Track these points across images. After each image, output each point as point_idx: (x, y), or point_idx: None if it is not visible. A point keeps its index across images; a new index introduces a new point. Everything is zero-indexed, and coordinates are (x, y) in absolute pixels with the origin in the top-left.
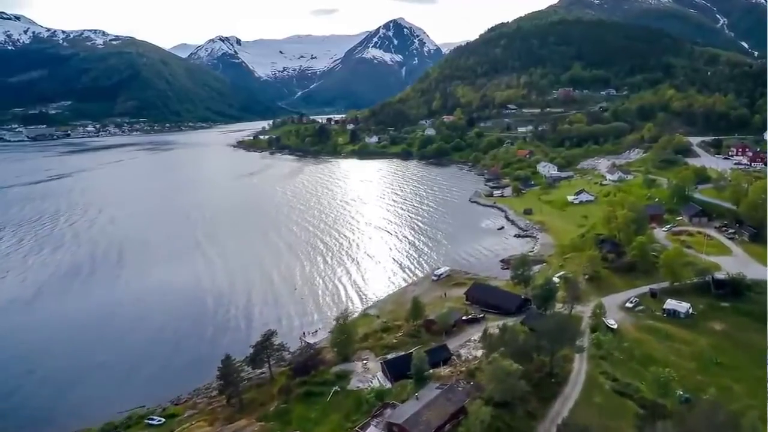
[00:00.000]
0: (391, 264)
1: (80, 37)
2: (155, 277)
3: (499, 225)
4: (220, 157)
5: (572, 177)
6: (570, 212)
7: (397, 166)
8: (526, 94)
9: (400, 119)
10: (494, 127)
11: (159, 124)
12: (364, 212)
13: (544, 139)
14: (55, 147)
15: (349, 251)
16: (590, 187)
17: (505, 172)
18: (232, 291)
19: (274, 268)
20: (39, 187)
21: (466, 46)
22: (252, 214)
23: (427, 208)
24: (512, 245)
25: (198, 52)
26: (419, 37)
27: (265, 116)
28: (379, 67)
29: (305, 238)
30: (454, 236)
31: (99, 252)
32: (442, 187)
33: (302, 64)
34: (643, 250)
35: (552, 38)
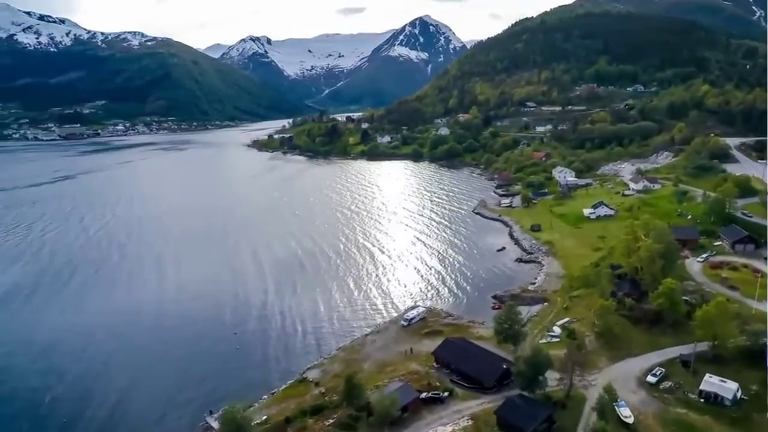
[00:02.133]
0: (359, 298)
1: (117, 38)
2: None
3: (500, 245)
4: (228, 158)
5: (591, 185)
6: (585, 230)
7: (405, 168)
8: (547, 91)
9: (415, 118)
10: (511, 126)
11: (186, 123)
12: (350, 227)
13: (562, 140)
14: (81, 146)
15: (314, 279)
16: (610, 198)
17: (517, 177)
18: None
19: (218, 299)
20: (31, 191)
21: (487, 41)
22: (224, 228)
23: (423, 222)
24: (511, 273)
25: (230, 52)
26: (445, 34)
27: (292, 115)
28: (405, 65)
29: (271, 259)
30: (444, 259)
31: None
32: (447, 193)
33: (330, 63)
34: (671, 298)
35: (577, 32)
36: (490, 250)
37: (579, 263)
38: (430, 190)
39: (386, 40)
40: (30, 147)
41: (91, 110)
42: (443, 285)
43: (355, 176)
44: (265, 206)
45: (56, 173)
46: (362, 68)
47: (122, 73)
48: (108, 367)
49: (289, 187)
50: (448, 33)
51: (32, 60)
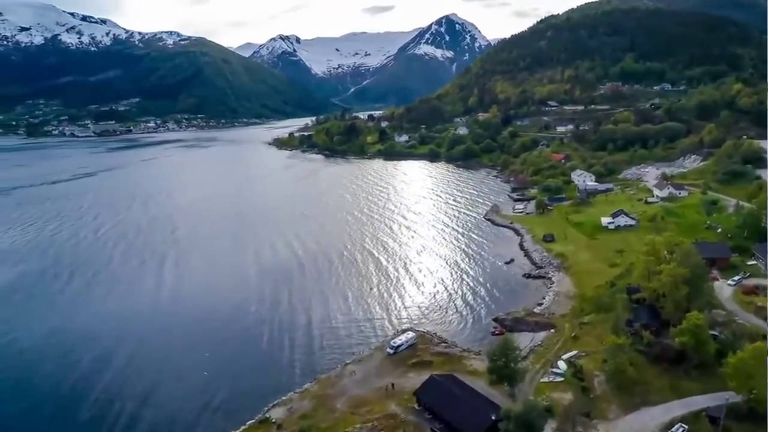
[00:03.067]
0: (349, 316)
1: (154, 38)
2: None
3: (509, 257)
4: (245, 157)
5: (611, 190)
6: (602, 242)
7: (420, 169)
8: (569, 90)
9: (434, 117)
10: (531, 126)
11: (214, 120)
12: (357, 231)
13: (583, 141)
14: (111, 143)
15: (305, 291)
16: (632, 205)
17: (534, 180)
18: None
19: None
20: (51, 188)
21: (510, 39)
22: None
23: (432, 227)
24: (517, 291)
25: (260, 51)
26: (471, 32)
27: (318, 112)
28: (431, 63)
29: (267, 266)
30: (447, 272)
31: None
32: (460, 196)
33: (356, 61)
34: (697, 335)
35: (603, 28)
36: (498, 262)
37: (593, 281)
38: (443, 193)
39: (412, 39)
40: (65, 143)
41: (126, 107)
42: (441, 303)
43: (369, 176)
44: (274, 207)
45: (80, 170)
46: (388, 67)
47: (156, 72)
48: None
49: (300, 188)
50: (474, 31)
51: (74, 59)
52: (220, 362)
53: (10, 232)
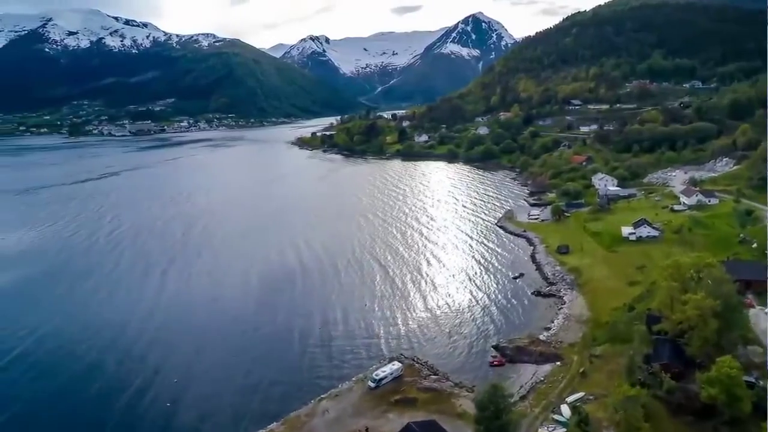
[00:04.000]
0: (334, 338)
1: (190, 40)
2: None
3: (519, 270)
4: (266, 156)
5: (634, 196)
6: (621, 255)
7: (438, 170)
8: (594, 88)
9: (456, 116)
10: (553, 126)
11: (244, 120)
12: (362, 237)
13: (607, 142)
14: (144, 142)
15: (295, 305)
16: (656, 213)
17: (552, 183)
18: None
19: None
20: (75, 187)
21: (535, 36)
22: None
23: (441, 235)
24: (523, 312)
25: (291, 51)
26: (497, 31)
27: (345, 112)
28: (457, 62)
29: (261, 275)
30: (449, 287)
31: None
32: (474, 200)
33: (384, 61)
34: (730, 388)
35: (630, 24)
36: (506, 276)
37: (608, 302)
38: (458, 196)
39: (439, 38)
40: (101, 142)
41: (161, 107)
42: (439, 324)
43: (385, 177)
44: (284, 209)
45: (107, 169)
46: (415, 66)
47: (191, 73)
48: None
49: (314, 189)
50: (500, 30)
51: (116, 61)
52: (183, 393)
53: (34, 231)
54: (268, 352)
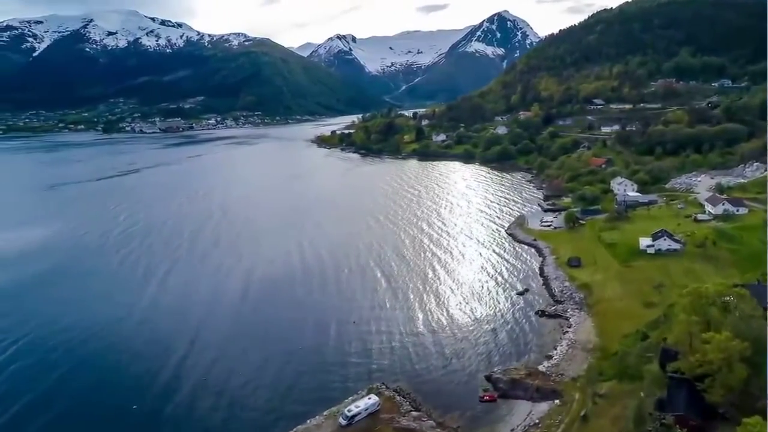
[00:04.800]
0: (311, 364)
1: (221, 39)
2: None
3: (524, 285)
4: (284, 154)
5: (655, 203)
6: (637, 271)
7: (453, 171)
8: (617, 87)
9: (475, 115)
10: (574, 126)
11: (269, 118)
12: (367, 242)
13: (629, 144)
14: (171, 139)
15: (279, 323)
16: (678, 223)
17: (569, 186)
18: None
19: None
20: (96, 184)
21: (558, 34)
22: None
23: (447, 242)
24: (524, 336)
25: (318, 50)
26: (522, 29)
27: (368, 109)
28: (481, 61)
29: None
30: (447, 303)
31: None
32: (487, 204)
33: (409, 59)
34: None
35: (658, 20)
36: (510, 291)
37: (620, 328)
38: (470, 199)
39: (464, 37)
40: (131, 139)
41: (191, 105)
42: (430, 347)
43: (398, 178)
44: (291, 208)
45: (129, 166)
46: (439, 64)
47: (221, 71)
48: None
49: (324, 189)
50: (525, 28)
51: (151, 60)
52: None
53: (50, 227)
54: (234, 380)
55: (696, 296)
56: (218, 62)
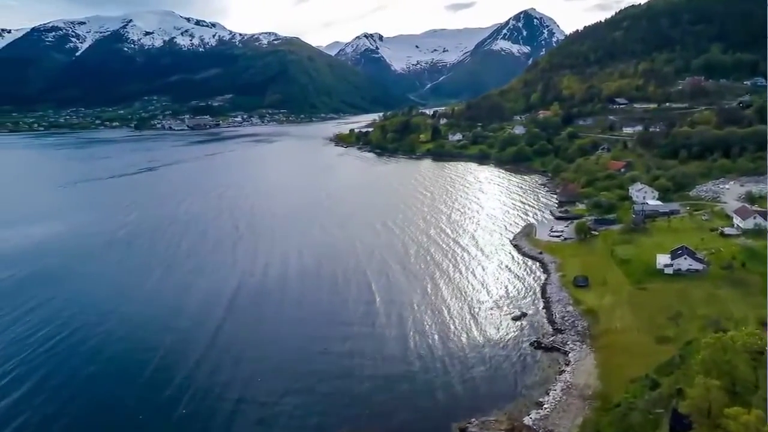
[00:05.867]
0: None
1: (251, 38)
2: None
3: (522, 307)
4: (299, 153)
5: (677, 213)
6: (652, 295)
7: (466, 173)
8: (642, 85)
9: (493, 114)
10: (594, 127)
11: (294, 115)
12: (365, 251)
13: (650, 146)
14: (196, 136)
15: (216, 359)
16: (701, 239)
17: (584, 192)
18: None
19: None
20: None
21: (583, 30)
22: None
23: (448, 253)
24: (513, 374)
25: (345, 49)
26: (549, 27)
27: (392, 108)
28: (506, 59)
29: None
30: (432, 328)
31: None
32: (497, 209)
33: (434, 58)
34: None
35: (688, 16)
36: (505, 315)
37: (626, 368)
38: (479, 204)
39: (489, 35)
40: (159, 136)
41: (220, 103)
42: (398, 386)
43: (409, 180)
44: (291, 212)
45: (148, 163)
46: (464, 63)
47: (250, 70)
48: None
49: (328, 191)
50: (552, 26)
51: (184, 59)
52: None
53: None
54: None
55: (719, 349)
56: (247, 61)
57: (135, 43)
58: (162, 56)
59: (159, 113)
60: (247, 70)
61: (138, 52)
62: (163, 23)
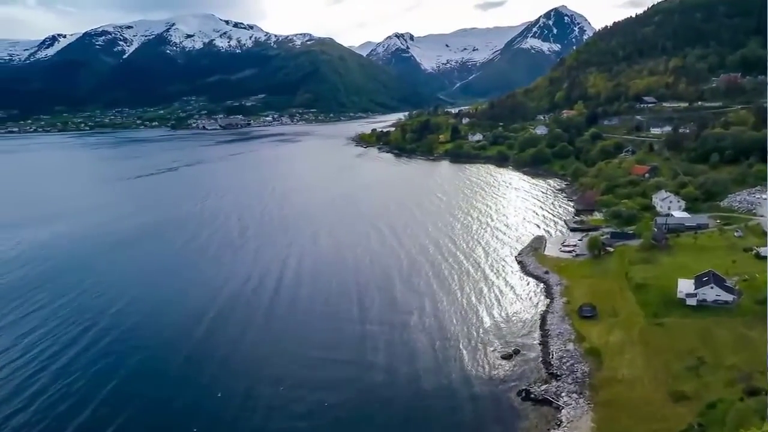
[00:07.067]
0: None
1: (286, 39)
2: None
3: (517, 341)
4: (318, 154)
5: (705, 227)
6: (671, 333)
7: (482, 175)
8: (673, 83)
9: (516, 113)
10: (620, 127)
11: (323, 115)
12: (362, 262)
13: (679, 149)
14: (225, 135)
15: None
16: (733, 261)
17: (603, 200)
18: None
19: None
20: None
21: (612, 26)
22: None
23: (446, 270)
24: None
25: (377, 48)
26: (580, 24)
27: (420, 107)
28: (536, 57)
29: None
30: (408, 370)
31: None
32: (506, 219)
33: (464, 57)
34: None
35: (724, 8)
36: (495, 351)
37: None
38: (488, 213)
39: (519, 33)
40: (192, 135)
41: (253, 103)
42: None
43: (423, 183)
44: (293, 215)
45: (172, 163)
46: (494, 61)
47: (283, 70)
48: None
49: (341, 195)
50: (583, 23)
51: (222, 60)
52: None
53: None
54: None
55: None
56: (281, 61)
57: (177, 45)
58: (201, 58)
59: (195, 113)
60: (281, 70)
61: (179, 54)
62: (204, 26)
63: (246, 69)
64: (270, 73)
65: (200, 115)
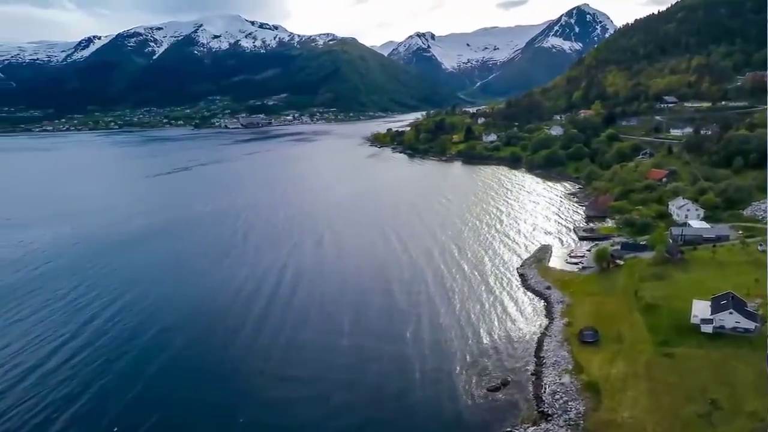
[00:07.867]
0: None
1: (309, 39)
2: None
3: (505, 372)
4: (331, 154)
5: (726, 239)
6: (682, 365)
7: (494, 177)
8: (695, 82)
9: (532, 113)
10: (638, 128)
11: (343, 114)
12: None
13: (700, 152)
14: (244, 134)
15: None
16: (756, 280)
17: (616, 206)
18: None
19: None
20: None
21: (634, 24)
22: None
23: (445, 283)
24: None
25: (398, 48)
26: (602, 23)
27: (440, 106)
28: (557, 56)
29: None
30: (376, 410)
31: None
32: (513, 225)
33: (484, 56)
34: None
35: (750, 4)
36: (478, 383)
37: None
38: (495, 219)
39: (541, 32)
40: (214, 134)
41: (275, 102)
42: None
43: (432, 185)
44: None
45: (187, 163)
46: (515, 60)
47: (305, 69)
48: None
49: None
50: (605, 21)
51: (247, 60)
52: None
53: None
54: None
55: None
56: (303, 61)
57: (204, 46)
58: (227, 58)
59: (219, 112)
60: (303, 70)
61: (206, 55)
62: (230, 27)
63: (269, 69)
64: (292, 73)
65: (224, 114)
